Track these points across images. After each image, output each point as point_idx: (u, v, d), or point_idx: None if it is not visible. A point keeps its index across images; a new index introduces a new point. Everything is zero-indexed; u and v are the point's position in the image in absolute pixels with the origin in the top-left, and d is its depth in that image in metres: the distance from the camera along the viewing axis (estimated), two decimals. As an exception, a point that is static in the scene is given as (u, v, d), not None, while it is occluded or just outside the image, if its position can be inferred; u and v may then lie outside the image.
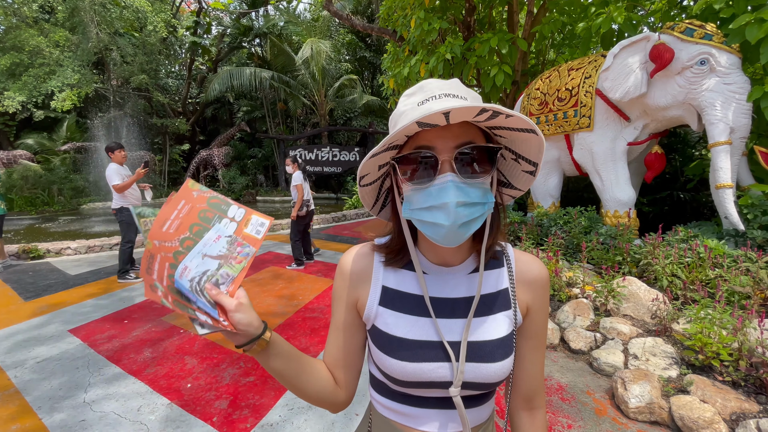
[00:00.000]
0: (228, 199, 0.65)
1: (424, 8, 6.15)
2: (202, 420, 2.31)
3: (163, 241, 0.60)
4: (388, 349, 0.68)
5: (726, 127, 3.63)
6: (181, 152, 17.63)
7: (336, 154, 15.56)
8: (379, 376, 0.73)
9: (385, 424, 0.74)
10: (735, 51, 3.66)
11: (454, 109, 0.52)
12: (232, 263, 0.62)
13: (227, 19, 19.11)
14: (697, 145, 5.95)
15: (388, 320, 0.69)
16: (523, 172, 0.70)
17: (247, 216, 0.65)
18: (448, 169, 0.59)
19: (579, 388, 2.55)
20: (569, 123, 4.88)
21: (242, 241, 0.63)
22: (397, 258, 0.72)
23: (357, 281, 0.74)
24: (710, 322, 2.51)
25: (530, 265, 0.73)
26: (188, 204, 0.63)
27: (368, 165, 0.64)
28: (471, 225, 0.60)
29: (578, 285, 3.64)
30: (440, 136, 0.60)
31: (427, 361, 0.65)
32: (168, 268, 0.59)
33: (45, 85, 11.66)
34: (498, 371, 0.66)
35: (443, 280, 0.70)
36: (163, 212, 0.61)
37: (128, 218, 4.99)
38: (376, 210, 0.79)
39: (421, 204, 0.60)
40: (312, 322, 3.73)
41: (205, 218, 0.63)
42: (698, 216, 5.51)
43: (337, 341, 0.76)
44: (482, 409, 0.72)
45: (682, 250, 3.51)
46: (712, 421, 2.01)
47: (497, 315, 0.69)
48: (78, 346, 3.30)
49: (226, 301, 0.58)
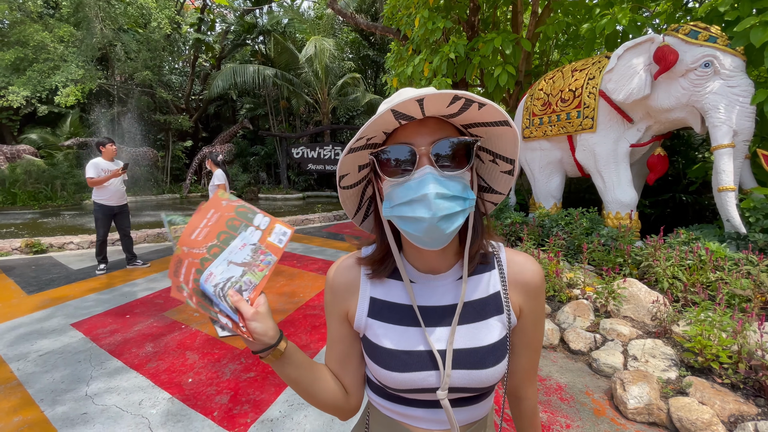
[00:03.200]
0: (254, 208, 0.67)
1: (429, 7, 6.14)
2: (202, 414, 2.33)
3: (192, 248, 0.62)
4: (378, 359, 0.69)
5: (729, 129, 3.62)
6: (184, 149, 17.64)
7: (338, 152, 15.54)
8: (374, 379, 0.74)
9: (384, 420, 0.75)
10: (739, 54, 3.65)
11: (428, 96, 0.53)
12: (255, 271, 0.63)
13: (231, 16, 19.13)
14: (700, 148, 5.93)
15: (377, 331, 0.70)
16: (502, 173, 0.70)
17: (272, 225, 0.66)
18: (426, 162, 0.60)
19: (578, 389, 2.56)
20: (572, 124, 4.88)
21: (265, 250, 0.65)
22: (381, 268, 0.72)
23: (344, 294, 0.74)
24: (710, 324, 2.51)
25: (524, 266, 0.72)
26: (217, 213, 0.65)
27: (346, 164, 0.65)
28: (452, 219, 0.59)
29: (579, 286, 3.65)
30: (417, 132, 0.61)
31: (416, 370, 0.66)
32: (194, 273, 0.61)
33: (49, 80, 11.69)
34: (490, 376, 0.66)
35: (431, 288, 0.70)
36: (194, 221, 0.63)
37: (97, 213, 5.24)
38: (358, 219, 0.79)
39: (401, 199, 0.60)
40: (313, 319, 3.74)
41: (232, 226, 0.65)
42: (700, 219, 5.49)
43: (336, 352, 0.77)
44: (478, 407, 0.72)
45: (684, 252, 3.50)
46: (711, 423, 2.02)
47: (489, 320, 0.69)
48: (80, 340, 3.32)
49: (245, 308, 0.60)
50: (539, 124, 5.35)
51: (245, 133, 18.30)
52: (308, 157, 15.51)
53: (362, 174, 0.71)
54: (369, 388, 0.78)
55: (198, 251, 0.62)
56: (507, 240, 5.19)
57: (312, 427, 2.24)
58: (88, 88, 12.31)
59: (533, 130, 5.45)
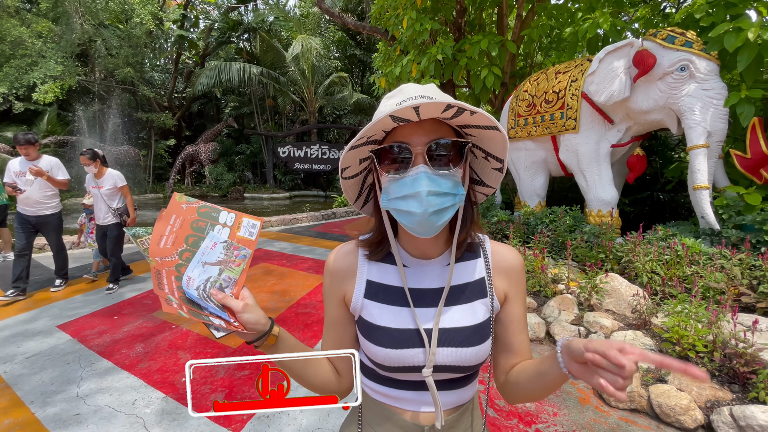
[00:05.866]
0: (217, 206, 0.69)
1: (416, 9, 6.21)
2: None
3: (164, 257, 0.63)
4: (373, 337, 0.74)
5: (704, 130, 3.80)
6: (167, 147, 17.34)
7: (325, 151, 15.52)
8: (368, 363, 0.79)
9: (375, 406, 0.80)
10: (714, 58, 3.83)
11: (422, 105, 0.59)
12: (232, 267, 0.66)
13: (215, 13, 18.86)
14: (676, 148, 6.17)
15: (372, 311, 0.75)
16: (492, 170, 0.77)
17: (238, 219, 0.68)
18: (420, 161, 0.65)
19: (564, 379, 2.66)
20: (556, 125, 5.02)
21: (237, 245, 0.67)
22: (377, 250, 0.78)
23: (343, 277, 0.80)
24: (687, 316, 2.65)
25: (506, 255, 0.80)
26: (179, 217, 0.66)
27: (348, 158, 0.71)
28: (442, 214, 0.65)
29: (563, 281, 3.77)
30: (414, 133, 0.66)
31: (407, 347, 0.71)
32: (175, 280, 0.62)
33: (27, 76, 11.34)
34: (474, 355, 0.72)
35: (422, 271, 0.76)
36: (157, 229, 0.64)
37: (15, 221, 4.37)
38: (359, 204, 0.85)
39: (396, 194, 0.66)
40: (305, 317, 3.77)
41: (198, 228, 0.66)
42: (676, 216, 5.72)
43: (332, 335, 0.82)
44: (463, 391, 0.78)
45: (662, 248, 3.66)
46: (689, 408, 2.14)
47: (474, 303, 0.75)
48: (68, 342, 3.27)
49: (233, 303, 0.63)
50: (524, 124, 5.48)
51: (230, 131, 18.08)
52: (295, 156, 15.43)
53: (363, 165, 0.77)
54: (362, 373, 0.83)
55: (171, 259, 0.63)
56: (494, 237, 5.30)
57: (308, 422, 2.27)
58: (67, 84, 12.00)
59: (518, 131, 5.57)
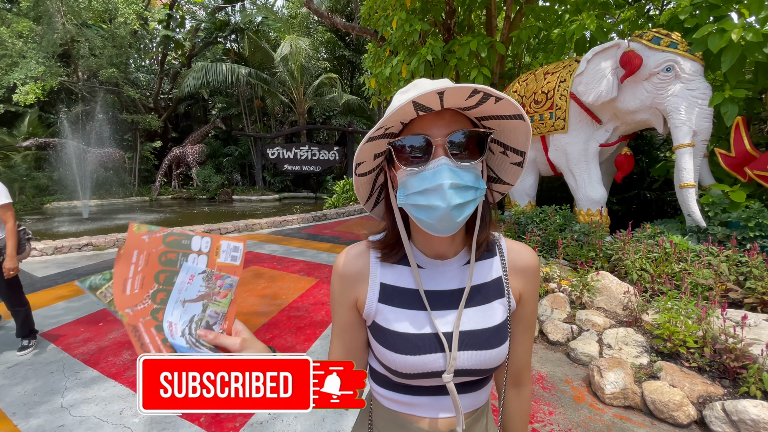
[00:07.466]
0: (187, 231, 0.58)
1: (406, 10, 6.21)
2: (188, 421, 2.28)
3: (134, 305, 0.53)
4: (389, 344, 0.70)
5: (689, 130, 3.86)
6: (153, 149, 17.02)
7: (315, 152, 15.42)
8: (380, 369, 0.75)
9: (387, 414, 0.77)
10: (698, 59, 3.90)
11: (448, 89, 0.56)
12: (217, 299, 0.56)
13: (202, 13, 18.63)
14: (662, 148, 6.28)
15: (388, 316, 0.72)
16: (511, 165, 0.74)
17: (215, 243, 0.58)
18: (441, 153, 0.62)
19: (558, 378, 2.67)
20: (545, 125, 5.06)
21: (219, 273, 0.57)
22: (392, 252, 0.74)
23: (354, 281, 0.75)
24: (677, 312, 2.68)
25: (522, 253, 0.77)
26: (143, 252, 0.55)
27: (364, 151, 0.67)
28: (463, 208, 0.62)
29: (555, 280, 3.79)
30: (434, 124, 0.63)
31: (426, 353, 0.68)
32: (156, 332, 0.53)
33: (7, 77, 11.02)
34: (494, 357, 0.70)
35: (438, 273, 0.73)
36: (118, 272, 0.54)
37: None
38: (369, 205, 0.81)
39: (416, 188, 0.63)
40: (296, 320, 3.72)
41: (169, 261, 0.55)
42: (663, 214, 5.82)
43: (342, 342, 0.78)
44: (479, 394, 0.76)
45: (650, 245, 3.71)
46: (681, 404, 2.16)
47: (492, 303, 0.72)
48: (51, 350, 3.17)
49: (228, 342, 0.57)
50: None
51: (218, 133, 17.84)
52: (284, 157, 15.30)
53: (377, 162, 0.73)
54: (372, 380, 0.80)
55: (143, 306, 0.53)
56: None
57: (303, 428, 2.23)
58: (48, 85, 11.69)
59: (509, 131, 5.60)
